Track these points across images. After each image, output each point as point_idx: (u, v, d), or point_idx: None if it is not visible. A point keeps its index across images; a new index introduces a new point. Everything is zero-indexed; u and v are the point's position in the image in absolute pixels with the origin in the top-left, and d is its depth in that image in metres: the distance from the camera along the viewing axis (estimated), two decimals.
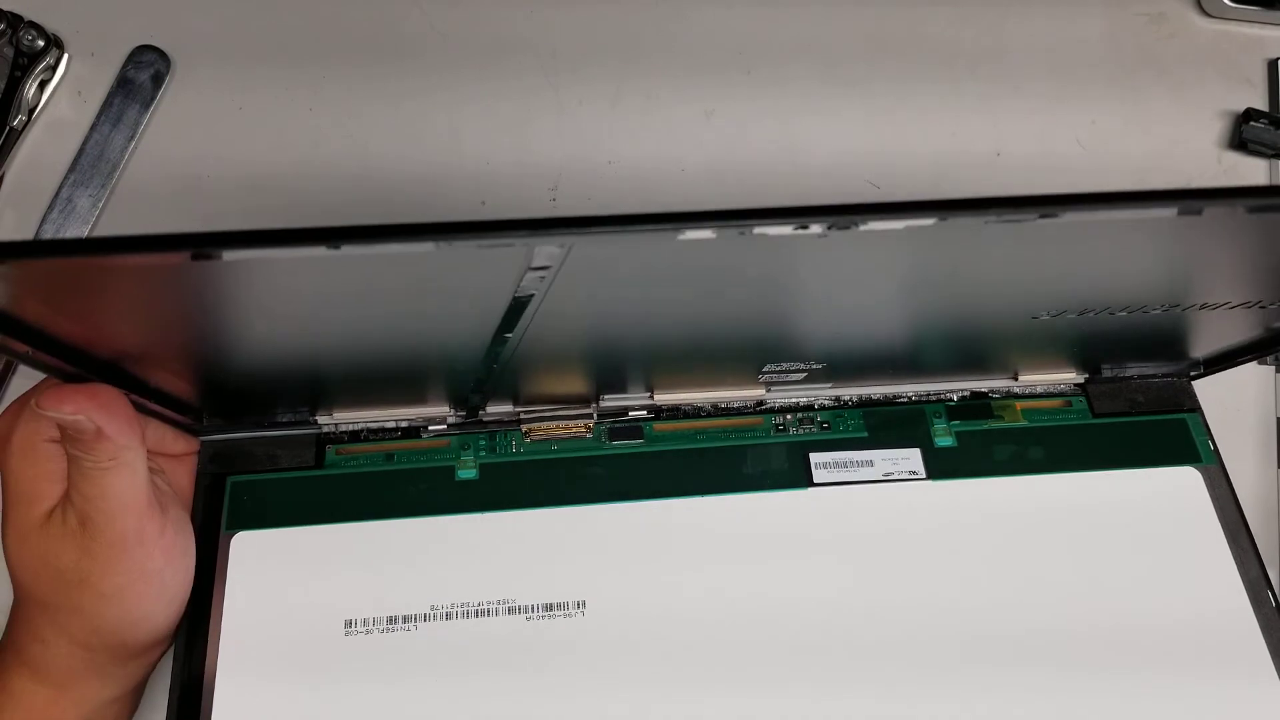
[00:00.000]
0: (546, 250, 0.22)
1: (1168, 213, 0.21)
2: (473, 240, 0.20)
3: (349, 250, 0.20)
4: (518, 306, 0.26)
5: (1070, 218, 0.21)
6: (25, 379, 0.41)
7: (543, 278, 0.24)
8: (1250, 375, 0.43)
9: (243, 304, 0.27)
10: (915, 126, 0.45)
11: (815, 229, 0.21)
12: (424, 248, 0.20)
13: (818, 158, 0.45)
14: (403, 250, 0.20)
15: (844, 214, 0.20)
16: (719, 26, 0.46)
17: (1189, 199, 0.21)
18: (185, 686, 0.35)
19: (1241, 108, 0.46)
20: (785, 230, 0.21)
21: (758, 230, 0.21)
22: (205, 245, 0.20)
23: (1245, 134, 0.45)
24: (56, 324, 0.26)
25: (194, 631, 0.35)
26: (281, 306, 0.27)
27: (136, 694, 0.37)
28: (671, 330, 0.31)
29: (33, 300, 0.24)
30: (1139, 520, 0.38)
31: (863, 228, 0.21)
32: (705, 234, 0.20)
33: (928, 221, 0.21)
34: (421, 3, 0.45)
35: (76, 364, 0.28)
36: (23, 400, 0.32)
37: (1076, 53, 0.47)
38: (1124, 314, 0.31)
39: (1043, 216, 0.21)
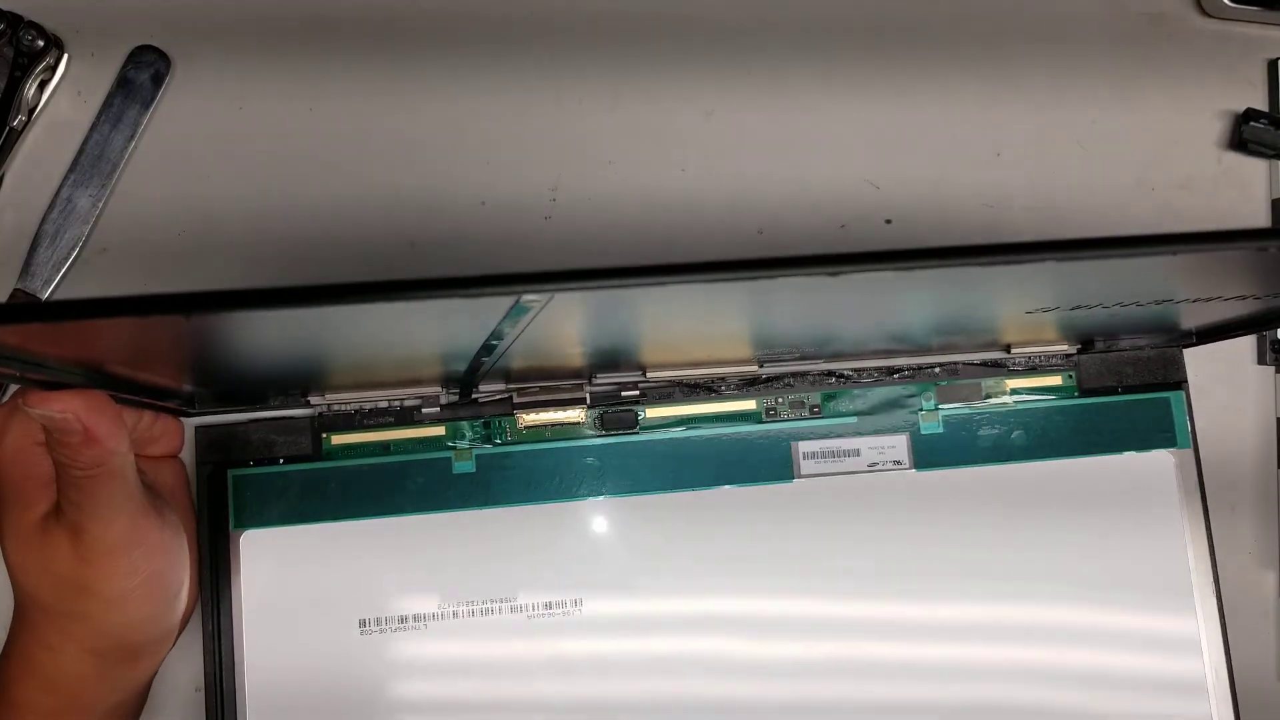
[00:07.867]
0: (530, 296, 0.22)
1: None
2: (455, 296, 0.20)
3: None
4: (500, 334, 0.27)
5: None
6: None
7: (531, 309, 0.24)
8: (1250, 375, 0.43)
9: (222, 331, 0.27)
10: (915, 127, 0.45)
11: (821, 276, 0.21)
12: (395, 308, 0.20)
13: (818, 158, 0.45)
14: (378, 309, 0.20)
15: (847, 263, 0.20)
16: (719, 27, 0.45)
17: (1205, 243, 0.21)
18: (215, 689, 0.36)
19: (1241, 108, 0.45)
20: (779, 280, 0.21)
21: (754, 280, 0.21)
22: (166, 310, 0.20)
23: (1245, 134, 0.45)
24: (40, 350, 0.26)
25: (216, 634, 0.36)
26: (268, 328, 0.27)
27: (140, 698, 0.37)
28: (663, 330, 0.32)
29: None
30: (1111, 508, 0.39)
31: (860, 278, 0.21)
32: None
33: (935, 271, 0.21)
34: (422, 3, 0.45)
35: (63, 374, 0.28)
36: (14, 402, 0.32)
37: (1076, 52, 0.46)
38: (1117, 308, 0.31)
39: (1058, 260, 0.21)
